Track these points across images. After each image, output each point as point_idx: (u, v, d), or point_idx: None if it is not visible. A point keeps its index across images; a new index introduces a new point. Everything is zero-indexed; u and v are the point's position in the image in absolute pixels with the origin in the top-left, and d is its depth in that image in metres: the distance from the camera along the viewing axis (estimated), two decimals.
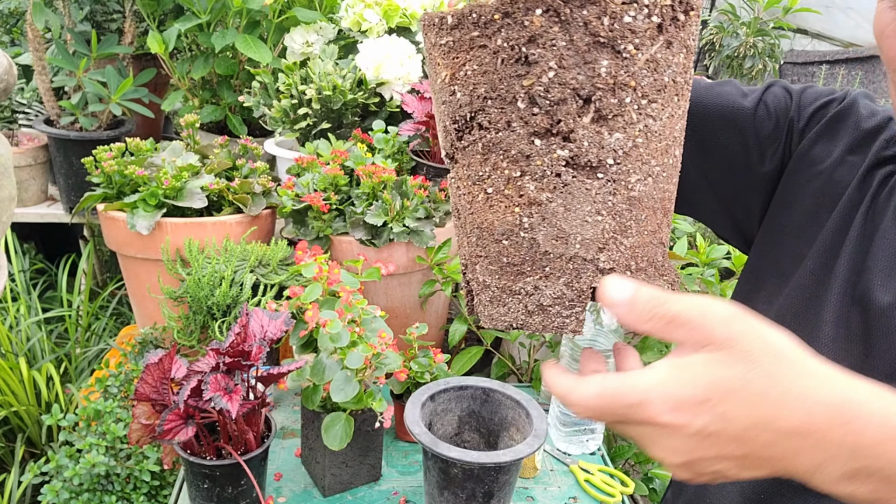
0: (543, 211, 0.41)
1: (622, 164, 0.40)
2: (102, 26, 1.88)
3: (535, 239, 0.41)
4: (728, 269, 1.43)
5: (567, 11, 0.37)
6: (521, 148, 0.40)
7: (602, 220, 0.41)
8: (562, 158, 0.39)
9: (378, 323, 1.10)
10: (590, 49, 0.37)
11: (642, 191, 0.41)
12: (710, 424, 0.37)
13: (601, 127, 0.39)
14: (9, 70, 0.81)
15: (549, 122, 0.39)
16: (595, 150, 0.39)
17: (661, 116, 0.40)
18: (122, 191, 1.33)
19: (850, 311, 0.64)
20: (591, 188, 0.40)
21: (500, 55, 0.39)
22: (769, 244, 0.75)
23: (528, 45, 0.38)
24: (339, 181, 1.35)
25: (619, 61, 0.38)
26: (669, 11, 0.38)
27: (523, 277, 0.43)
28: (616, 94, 0.38)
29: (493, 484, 0.93)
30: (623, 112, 0.39)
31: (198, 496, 0.94)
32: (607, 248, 0.41)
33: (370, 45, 1.55)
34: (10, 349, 1.78)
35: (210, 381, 0.86)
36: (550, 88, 0.38)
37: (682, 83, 0.41)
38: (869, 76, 4.65)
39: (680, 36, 0.40)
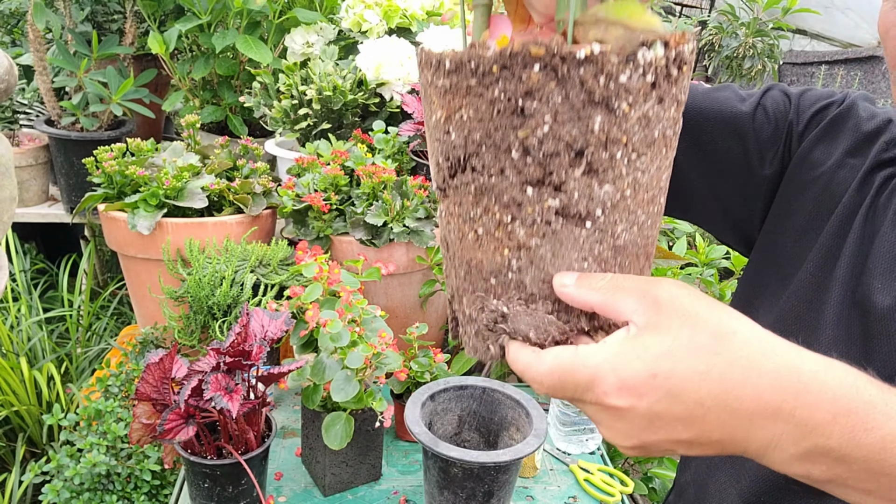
0: (532, 255, 0.42)
1: (609, 215, 0.41)
2: (103, 27, 1.88)
3: (522, 281, 0.43)
4: (727, 269, 1.43)
5: (565, 69, 0.38)
6: (514, 195, 0.41)
7: (587, 267, 0.42)
8: (552, 208, 0.41)
9: (378, 323, 1.10)
10: (584, 106, 0.38)
11: (627, 239, 0.43)
12: (655, 405, 0.37)
13: (592, 179, 0.40)
14: (10, 70, 0.81)
15: (541, 173, 0.40)
16: (585, 202, 0.41)
17: (650, 169, 0.42)
18: (122, 191, 1.33)
19: (850, 314, 0.64)
20: (579, 237, 0.42)
21: (497, 105, 0.39)
22: (770, 247, 0.76)
23: (524, 98, 0.39)
24: (339, 181, 1.35)
25: (612, 118, 0.39)
26: (664, 69, 0.39)
27: (518, 321, 0.44)
28: (608, 149, 0.40)
29: (493, 483, 0.94)
30: (613, 166, 0.40)
31: (198, 495, 0.94)
32: None
33: (370, 46, 1.55)
34: (11, 349, 1.78)
35: (211, 381, 0.86)
36: (545, 141, 0.39)
37: (671, 136, 0.43)
38: (868, 77, 4.66)
39: (672, 91, 0.41)
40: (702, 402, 0.36)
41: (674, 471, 1.42)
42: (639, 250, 0.44)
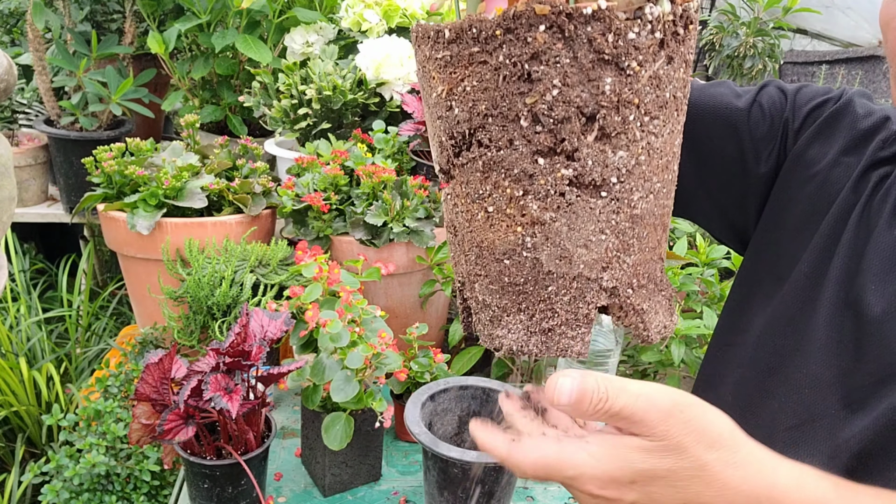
0: (547, 230, 0.40)
1: (625, 182, 0.39)
2: (102, 26, 1.88)
3: (538, 259, 0.41)
4: (728, 269, 1.43)
5: (571, 28, 0.36)
6: (524, 167, 0.39)
7: (606, 239, 0.40)
8: (566, 177, 0.39)
9: (378, 323, 1.10)
10: (594, 66, 0.37)
11: (644, 208, 0.41)
12: (639, 499, 0.40)
13: (605, 145, 0.38)
14: (9, 70, 0.81)
15: (552, 141, 0.38)
16: (599, 169, 0.39)
17: (663, 133, 0.40)
18: (122, 191, 1.33)
19: (843, 315, 0.64)
20: (595, 207, 0.40)
21: (502, 72, 0.38)
22: (765, 246, 0.75)
23: (530, 62, 0.37)
24: (339, 181, 1.35)
25: (623, 78, 0.37)
26: (671, 26, 0.38)
27: (526, 297, 0.42)
28: (620, 111, 0.38)
29: (493, 484, 0.93)
30: (627, 130, 0.38)
31: (198, 496, 0.94)
32: (611, 266, 0.41)
33: (370, 46, 1.55)
34: (11, 349, 1.78)
35: (210, 381, 0.86)
36: (554, 107, 0.37)
37: (681, 98, 0.41)
38: (869, 76, 4.65)
39: (680, 51, 0.39)
40: None
41: None
42: (656, 220, 0.42)
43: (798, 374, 0.66)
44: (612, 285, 0.41)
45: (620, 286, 0.42)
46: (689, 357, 1.29)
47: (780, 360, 0.68)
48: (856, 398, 0.61)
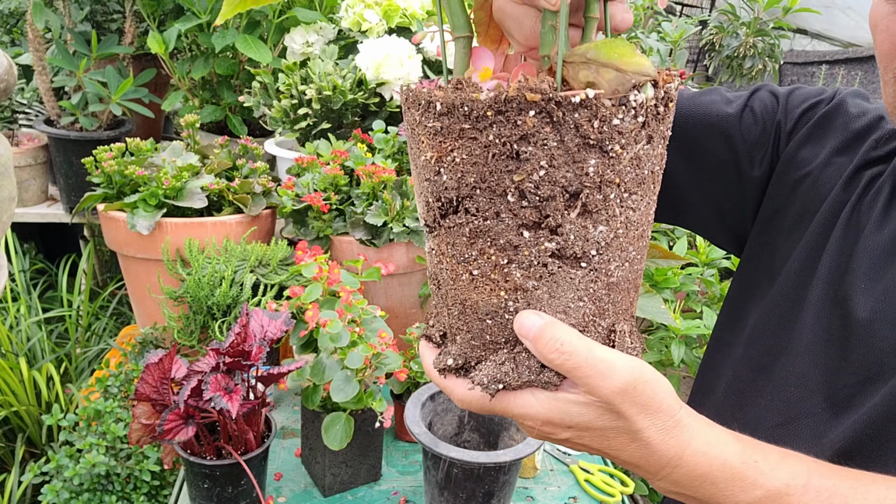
0: (529, 297, 0.43)
1: (604, 254, 0.42)
2: (102, 26, 1.88)
3: (498, 323, 0.44)
4: (728, 269, 1.43)
5: (560, 114, 0.38)
6: (510, 238, 0.41)
7: (583, 306, 0.43)
8: (549, 250, 0.41)
9: (378, 323, 1.10)
10: (579, 149, 0.39)
11: (620, 276, 0.44)
12: (571, 437, 0.46)
13: (587, 221, 0.41)
14: (9, 70, 0.81)
15: (538, 216, 0.41)
16: (581, 243, 0.41)
17: (640, 206, 0.43)
18: (122, 191, 1.33)
19: (830, 314, 0.64)
20: (575, 277, 0.42)
21: (492, 149, 0.39)
22: (760, 247, 0.75)
23: (519, 143, 0.39)
24: (339, 181, 1.35)
25: (606, 160, 0.40)
26: (653, 110, 0.40)
27: (504, 353, 0.45)
28: (602, 190, 0.40)
29: (493, 484, 0.93)
30: (607, 206, 0.41)
31: (198, 496, 0.94)
32: (587, 330, 0.44)
33: (370, 46, 1.55)
34: (11, 349, 1.78)
35: (210, 381, 0.86)
36: (540, 185, 0.40)
37: (658, 171, 0.44)
38: (869, 76, 4.66)
39: (660, 129, 0.42)
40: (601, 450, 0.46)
41: None
42: (629, 285, 0.45)
43: (785, 373, 0.67)
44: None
45: None
46: (689, 357, 1.29)
47: (769, 359, 0.69)
48: (840, 397, 0.62)
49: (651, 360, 1.30)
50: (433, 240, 0.45)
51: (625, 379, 0.43)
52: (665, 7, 0.54)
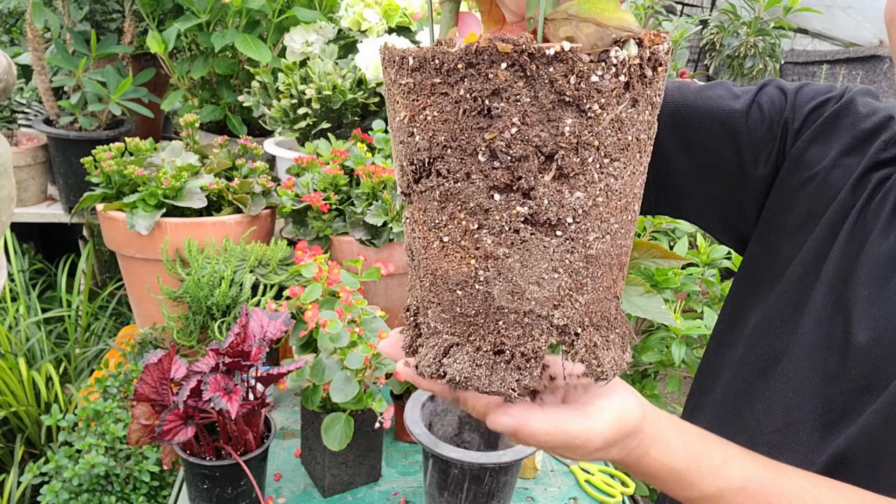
0: (499, 265, 0.40)
1: (581, 222, 0.39)
2: (102, 26, 1.88)
3: (489, 292, 0.41)
4: (728, 269, 1.43)
5: (533, 68, 0.36)
6: (480, 201, 0.39)
7: (558, 278, 0.40)
8: (521, 215, 0.39)
9: (378, 323, 1.10)
10: (554, 107, 0.37)
11: (600, 248, 0.41)
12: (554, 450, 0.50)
13: (562, 185, 0.38)
14: (8, 70, 0.81)
15: (509, 178, 0.38)
16: (555, 209, 0.39)
17: (623, 175, 0.40)
18: (121, 191, 1.33)
19: (832, 320, 0.63)
20: (549, 246, 0.40)
21: (462, 105, 0.37)
22: (762, 248, 0.74)
23: (491, 98, 0.37)
24: (338, 181, 1.34)
25: (583, 120, 0.37)
26: (637, 69, 0.38)
27: (476, 329, 0.42)
28: (579, 153, 0.38)
29: (493, 484, 0.93)
30: (585, 171, 0.38)
31: (197, 496, 0.94)
32: (562, 305, 0.41)
33: (370, 45, 1.55)
34: (10, 349, 1.77)
35: (209, 382, 0.86)
36: (512, 144, 0.37)
37: (645, 140, 0.41)
38: (870, 76, 4.65)
39: (646, 93, 0.39)
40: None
41: None
42: (612, 260, 0.42)
43: (785, 377, 0.66)
44: (563, 323, 0.41)
45: (571, 324, 0.42)
46: (690, 357, 1.29)
47: (769, 362, 0.69)
48: (837, 404, 0.62)
49: (651, 361, 1.30)
50: (408, 208, 0.44)
51: (602, 439, 0.47)
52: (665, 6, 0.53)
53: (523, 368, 0.42)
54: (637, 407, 0.49)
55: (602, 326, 0.43)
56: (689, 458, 0.51)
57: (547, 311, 0.41)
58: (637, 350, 1.33)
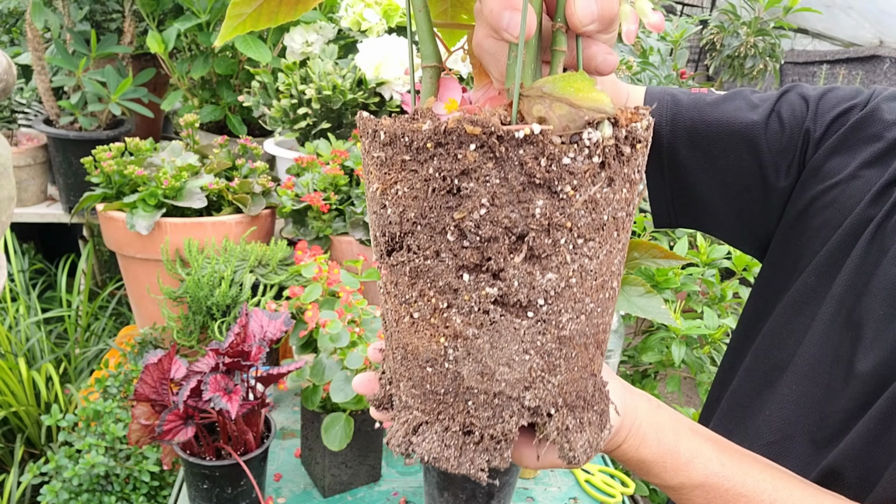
0: (469, 346, 0.39)
1: (553, 304, 0.39)
2: (102, 26, 1.88)
3: (459, 372, 0.40)
4: (728, 269, 1.43)
5: (502, 150, 0.35)
6: (449, 280, 0.38)
7: (529, 360, 0.40)
8: (490, 296, 0.38)
9: (378, 323, 1.10)
10: (524, 189, 0.36)
11: (574, 329, 0.40)
12: None
13: (533, 267, 0.38)
14: (8, 70, 0.81)
15: (478, 258, 0.38)
16: (525, 290, 0.38)
17: (599, 255, 0.39)
18: (121, 191, 1.33)
19: (840, 335, 0.62)
20: (520, 327, 0.39)
21: (431, 184, 0.37)
22: (780, 257, 0.72)
23: (460, 178, 0.36)
24: (338, 181, 1.35)
25: (555, 202, 0.36)
26: (613, 150, 0.37)
27: (446, 408, 0.42)
28: (550, 234, 0.37)
29: (493, 484, 0.93)
30: (557, 252, 0.38)
31: (197, 497, 0.94)
32: (534, 386, 0.40)
33: (370, 45, 1.55)
34: (10, 349, 1.77)
35: (209, 382, 0.86)
36: (481, 225, 0.37)
37: (623, 217, 0.40)
38: (870, 76, 4.65)
39: (623, 171, 0.38)
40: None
41: None
42: (587, 340, 0.41)
43: (786, 390, 0.66)
44: (535, 405, 0.41)
45: (544, 405, 0.41)
46: (690, 357, 1.29)
47: (774, 373, 0.68)
48: (834, 420, 0.61)
49: (651, 361, 1.30)
50: (382, 277, 0.43)
51: None
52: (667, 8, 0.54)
53: (493, 450, 0.41)
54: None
55: (577, 406, 0.42)
56: (657, 452, 0.52)
57: (518, 392, 0.40)
58: (637, 350, 1.34)
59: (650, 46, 1.73)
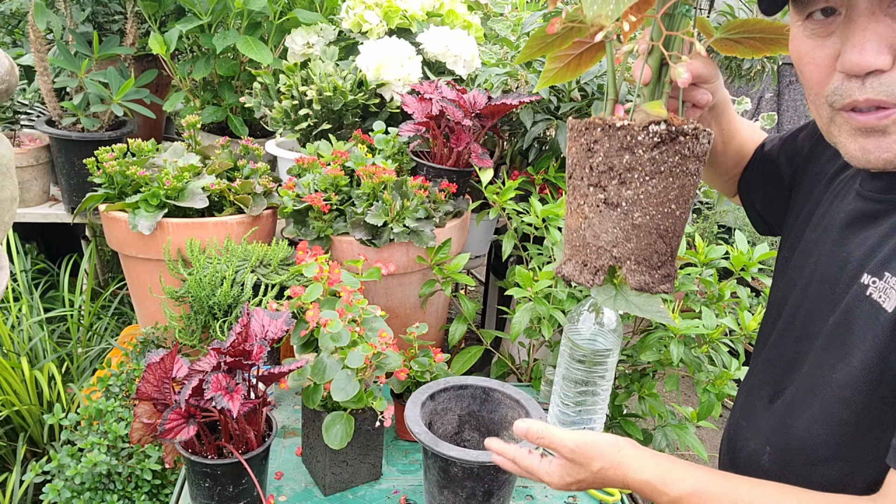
0: (589, 222, 0.74)
1: (630, 206, 0.71)
2: (104, 27, 1.88)
3: (584, 235, 0.75)
4: (726, 269, 1.43)
5: (611, 131, 0.70)
6: (584, 190, 0.73)
7: (615, 231, 0.72)
8: (601, 198, 0.72)
9: (378, 322, 1.10)
10: (619, 149, 0.70)
11: (641, 221, 0.71)
12: (573, 484, 0.78)
13: (620, 186, 0.71)
14: (10, 71, 0.81)
15: (596, 180, 0.72)
16: (616, 198, 0.71)
17: (658, 187, 0.70)
18: (123, 191, 1.34)
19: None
20: (613, 215, 0.72)
21: (583, 146, 0.73)
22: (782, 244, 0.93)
23: (592, 144, 0.72)
24: (339, 182, 1.35)
25: (633, 156, 0.69)
26: (666, 134, 0.68)
27: (579, 252, 0.76)
28: (630, 171, 0.70)
29: (492, 483, 0.94)
30: (632, 181, 0.70)
31: (199, 495, 0.95)
32: (618, 246, 0.73)
33: (371, 47, 1.56)
34: (13, 349, 1.78)
35: (211, 381, 0.86)
36: (600, 165, 0.71)
37: (675, 171, 0.70)
38: None
39: (674, 148, 0.69)
40: (591, 484, 0.78)
41: None
42: (651, 230, 0.72)
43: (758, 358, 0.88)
44: (618, 255, 0.73)
45: (622, 257, 0.73)
46: (688, 356, 1.30)
47: (760, 346, 0.89)
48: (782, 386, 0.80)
49: (650, 360, 1.30)
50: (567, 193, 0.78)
51: (573, 443, 0.75)
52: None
53: (594, 274, 0.74)
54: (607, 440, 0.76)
55: (642, 265, 0.73)
56: (657, 474, 0.72)
57: (609, 247, 0.73)
58: (636, 349, 1.34)
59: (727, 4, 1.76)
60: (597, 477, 0.75)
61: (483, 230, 1.68)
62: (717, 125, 0.91)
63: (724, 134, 0.93)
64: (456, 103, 1.39)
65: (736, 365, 1.30)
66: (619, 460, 0.73)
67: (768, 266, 1.55)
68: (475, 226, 1.63)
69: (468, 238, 1.58)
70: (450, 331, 1.40)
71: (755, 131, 0.99)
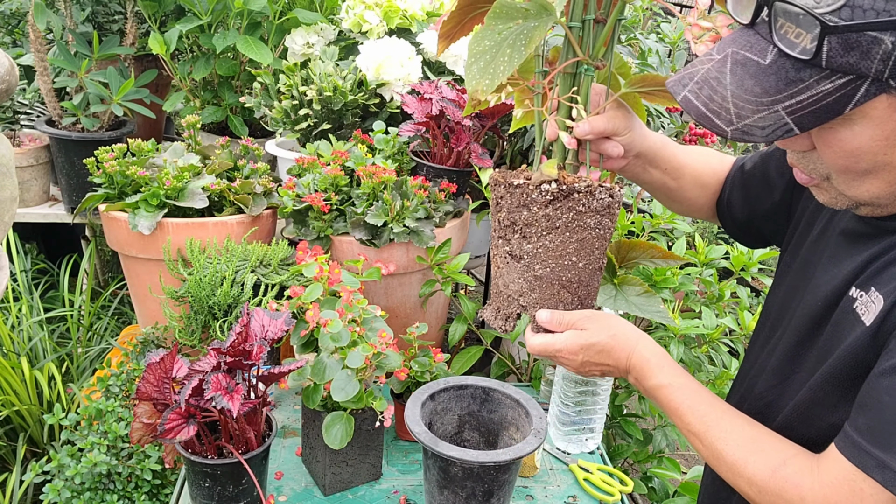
0: (500, 272, 0.85)
1: (530, 259, 0.81)
2: (104, 27, 1.88)
3: (498, 283, 0.86)
4: (726, 269, 1.43)
5: (511, 188, 0.80)
6: (496, 242, 0.84)
7: (521, 283, 0.83)
8: (507, 251, 0.83)
9: (378, 322, 1.10)
10: (518, 206, 0.80)
11: (542, 273, 0.81)
12: (584, 359, 0.84)
13: (521, 240, 0.81)
14: (10, 71, 0.81)
15: (503, 234, 0.82)
16: (519, 251, 0.81)
17: (555, 241, 0.79)
18: (123, 191, 1.34)
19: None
20: (517, 267, 0.82)
21: (493, 200, 0.84)
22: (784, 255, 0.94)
23: (499, 199, 0.83)
24: (339, 181, 1.35)
25: (529, 212, 0.79)
26: (557, 193, 0.78)
27: (494, 300, 0.88)
28: (529, 226, 0.80)
29: (492, 483, 0.94)
30: (531, 235, 0.80)
31: (199, 495, 0.95)
32: (523, 295, 0.84)
33: (371, 47, 1.55)
34: (12, 349, 1.78)
35: (211, 381, 0.86)
36: (504, 220, 0.82)
37: (570, 225, 0.79)
38: None
39: (567, 204, 0.78)
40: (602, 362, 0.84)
41: (674, 471, 1.42)
42: (553, 281, 0.82)
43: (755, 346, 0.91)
44: (524, 303, 0.84)
45: (528, 305, 0.84)
46: (688, 356, 1.30)
47: (756, 336, 0.93)
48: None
49: None
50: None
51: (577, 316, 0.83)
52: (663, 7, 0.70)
53: (505, 321, 0.86)
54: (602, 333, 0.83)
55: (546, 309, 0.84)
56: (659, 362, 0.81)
57: (516, 296, 0.84)
58: None
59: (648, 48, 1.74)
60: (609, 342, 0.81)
61: (483, 230, 1.68)
62: (656, 168, 0.93)
63: (668, 173, 0.94)
64: (456, 103, 1.39)
65: (736, 365, 1.30)
66: (635, 335, 0.82)
67: (768, 266, 1.55)
68: (475, 226, 1.63)
69: (468, 238, 1.58)
70: (450, 331, 1.40)
71: (711, 157, 0.99)
